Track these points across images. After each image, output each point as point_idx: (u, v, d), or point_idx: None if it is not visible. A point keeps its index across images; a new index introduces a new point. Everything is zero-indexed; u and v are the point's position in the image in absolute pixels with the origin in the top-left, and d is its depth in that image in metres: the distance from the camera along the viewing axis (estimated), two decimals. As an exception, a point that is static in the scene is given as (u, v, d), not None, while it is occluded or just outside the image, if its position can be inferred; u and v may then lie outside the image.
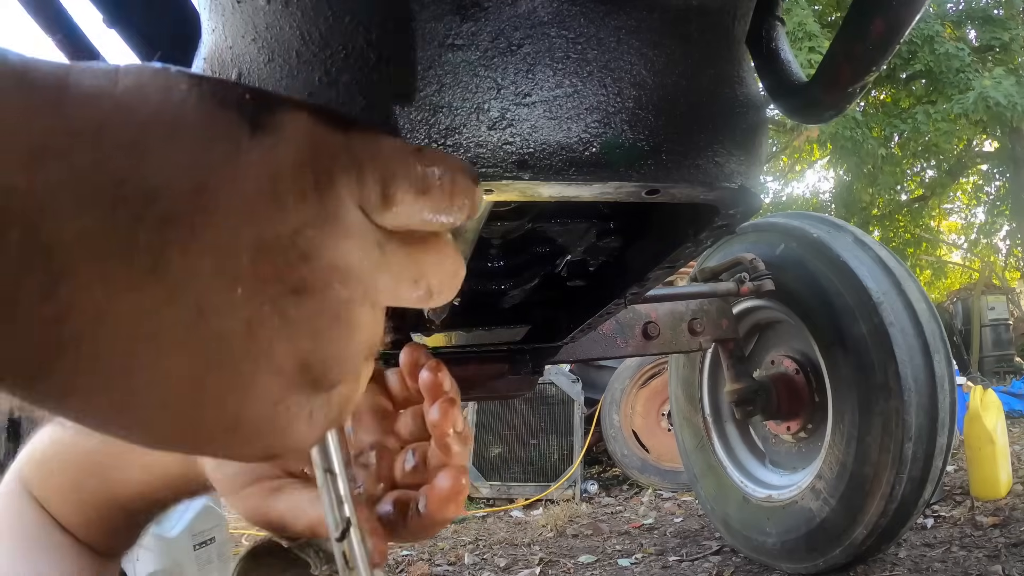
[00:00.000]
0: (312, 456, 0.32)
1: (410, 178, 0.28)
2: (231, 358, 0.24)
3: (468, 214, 0.29)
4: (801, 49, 8.63)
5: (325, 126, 0.26)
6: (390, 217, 0.27)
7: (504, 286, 1.08)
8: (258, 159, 0.24)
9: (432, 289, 0.29)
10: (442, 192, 0.28)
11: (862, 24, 0.59)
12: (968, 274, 13.99)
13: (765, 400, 2.05)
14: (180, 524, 1.75)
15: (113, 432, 0.24)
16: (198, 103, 0.24)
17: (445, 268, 0.30)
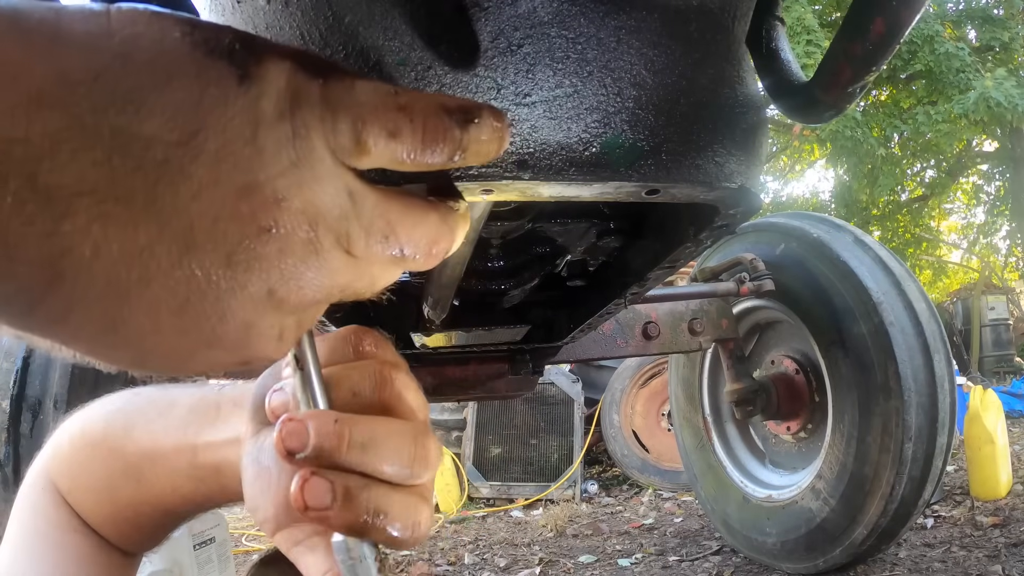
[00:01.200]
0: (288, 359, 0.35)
1: (381, 121, 0.29)
2: (212, 287, 0.26)
3: (449, 155, 0.30)
4: (799, 43, 8.65)
5: (305, 75, 0.28)
6: (366, 161, 0.29)
7: (504, 286, 1.08)
8: (243, 108, 0.26)
9: (404, 251, 0.31)
10: (414, 133, 0.29)
11: (862, 24, 0.59)
12: (968, 274, 13.99)
13: (765, 400, 2.05)
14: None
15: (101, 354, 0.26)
16: (191, 51, 0.26)
17: (421, 231, 0.31)
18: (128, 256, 0.24)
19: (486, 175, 0.49)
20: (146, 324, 0.25)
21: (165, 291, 0.25)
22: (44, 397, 1.63)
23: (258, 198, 0.27)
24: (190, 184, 0.25)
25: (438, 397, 1.58)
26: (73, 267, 0.23)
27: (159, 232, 0.25)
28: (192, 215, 0.25)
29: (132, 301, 0.25)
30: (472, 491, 3.91)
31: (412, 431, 0.35)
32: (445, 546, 2.95)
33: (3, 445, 1.59)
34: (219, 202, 0.26)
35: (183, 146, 0.25)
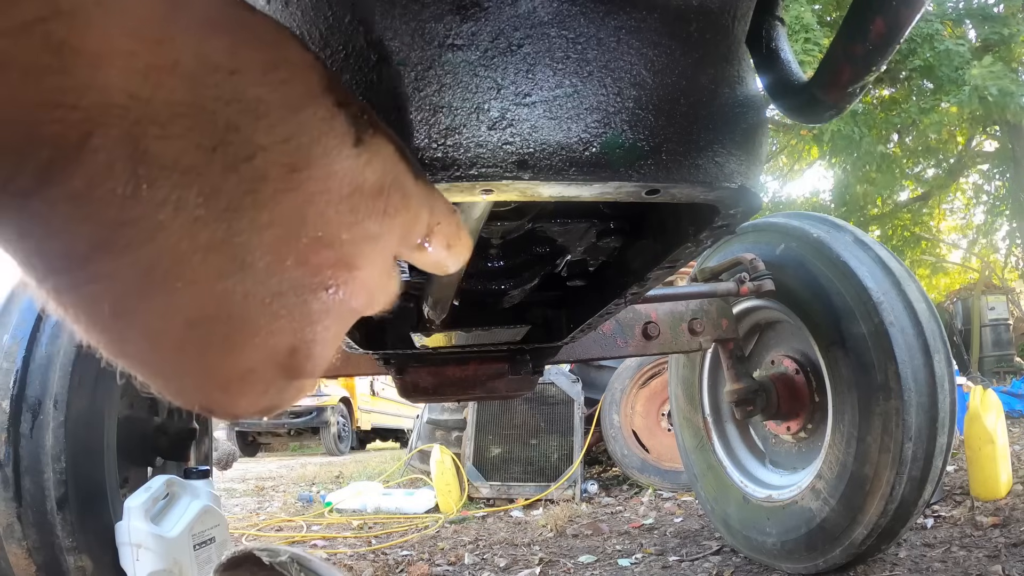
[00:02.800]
0: None
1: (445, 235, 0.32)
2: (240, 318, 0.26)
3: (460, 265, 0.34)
4: (796, 41, 8.66)
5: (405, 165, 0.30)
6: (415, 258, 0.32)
7: (504, 286, 1.08)
8: (351, 169, 0.27)
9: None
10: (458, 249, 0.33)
11: (862, 24, 0.59)
12: (968, 274, 13.99)
13: (765, 400, 2.05)
14: (180, 524, 1.75)
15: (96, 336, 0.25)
16: (324, 95, 0.26)
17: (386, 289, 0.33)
18: (182, 250, 0.24)
19: (486, 175, 0.49)
20: (155, 324, 0.25)
21: (194, 299, 0.24)
22: (44, 397, 1.63)
23: (331, 255, 0.27)
24: (275, 211, 0.25)
25: (438, 397, 1.58)
26: (126, 240, 0.23)
27: (223, 241, 0.24)
28: (262, 240, 0.25)
29: (158, 296, 0.24)
30: (472, 491, 3.91)
31: None
32: (445, 546, 2.95)
33: (3, 445, 1.59)
34: (293, 241, 0.26)
35: (283, 173, 0.25)
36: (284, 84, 0.25)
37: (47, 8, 0.20)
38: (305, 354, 0.28)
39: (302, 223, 0.26)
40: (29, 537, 1.59)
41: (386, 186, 0.28)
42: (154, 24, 0.22)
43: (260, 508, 4.61)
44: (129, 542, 1.68)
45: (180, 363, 0.26)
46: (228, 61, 0.24)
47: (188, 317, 0.25)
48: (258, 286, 0.25)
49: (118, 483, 1.80)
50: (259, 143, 0.24)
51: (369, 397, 11.36)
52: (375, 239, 0.28)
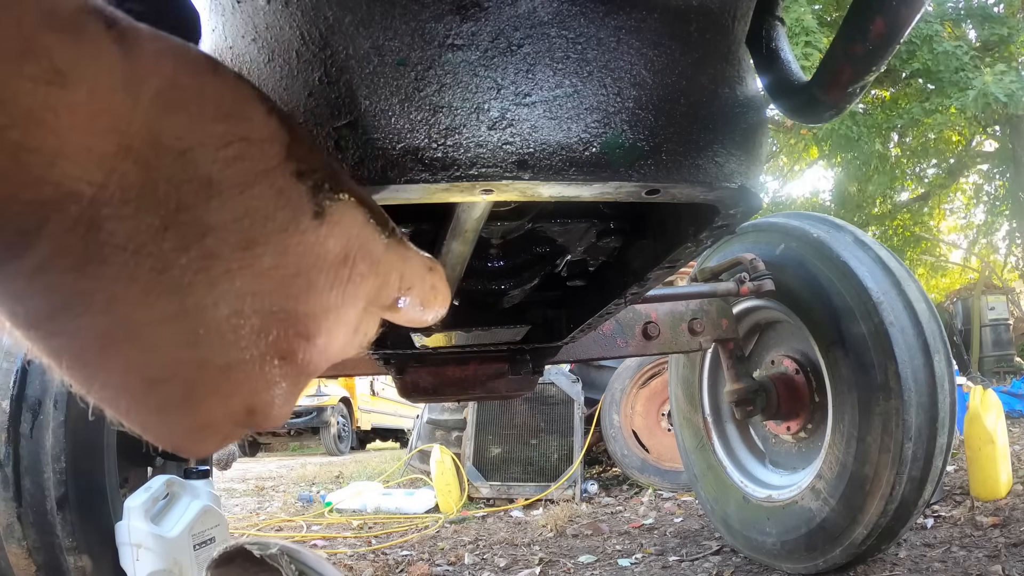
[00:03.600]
0: None
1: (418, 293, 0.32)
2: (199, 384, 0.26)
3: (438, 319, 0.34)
4: (797, 44, 8.66)
5: (373, 228, 0.29)
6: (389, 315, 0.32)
7: (504, 286, 1.08)
8: (309, 242, 0.27)
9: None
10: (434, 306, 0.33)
11: (862, 24, 0.59)
12: (968, 274, 13.99)
13: (765, 400, 2.05)
14: (180, 524, 1.75)
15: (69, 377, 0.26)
16: (282, 167, 0.26)
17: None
18: (136, 320, 0.24)
19: (486, 175, 0.49)
20: (115, 379, 0.26)
21: (149, 363, 0.25)
22: (44, 397, 1.63)
23: (288, 328, 0.27)
24: (228, 286, 0.25)
25: (438, 397, 1.58)
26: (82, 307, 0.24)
27: (177, 313, 0.25)
28: (216, 313, 0.25)
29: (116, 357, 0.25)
30: (472, 491, 3.91)
31: None
32: (445, 546, 2.95)
33: (3, 445, 1.59)
34: (248, 315, 0.26)
35: (237, 251, 0.25)
36: (238, 160, 0.25)
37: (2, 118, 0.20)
38: (263, 414, 0.28)
39: (257, 298, 0.26)
40: (29, 537, 1.59)
41: (351, 255, 0.28)
42: (107, 115, 0.22)
43: (260, 508, 4.61)
44: (129, 542, 1.68)
45: (142, 413, 0.27)
46: (180, 142, 0.24)
47: (145, 377, 0.25)
48: (213, 355, 0.26)
49: (118, 483, 1.80)
50: (210, 223, 0.24)
51: (369, 397, 11.36)
52: (336, 308, 0.28)
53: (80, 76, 0.22)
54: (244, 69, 0.52)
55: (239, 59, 0.53)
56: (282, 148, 0.26)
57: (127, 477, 2.01)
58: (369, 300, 0.30)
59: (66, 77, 0.21)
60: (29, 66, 0.21)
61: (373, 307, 0.30)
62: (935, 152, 13.42)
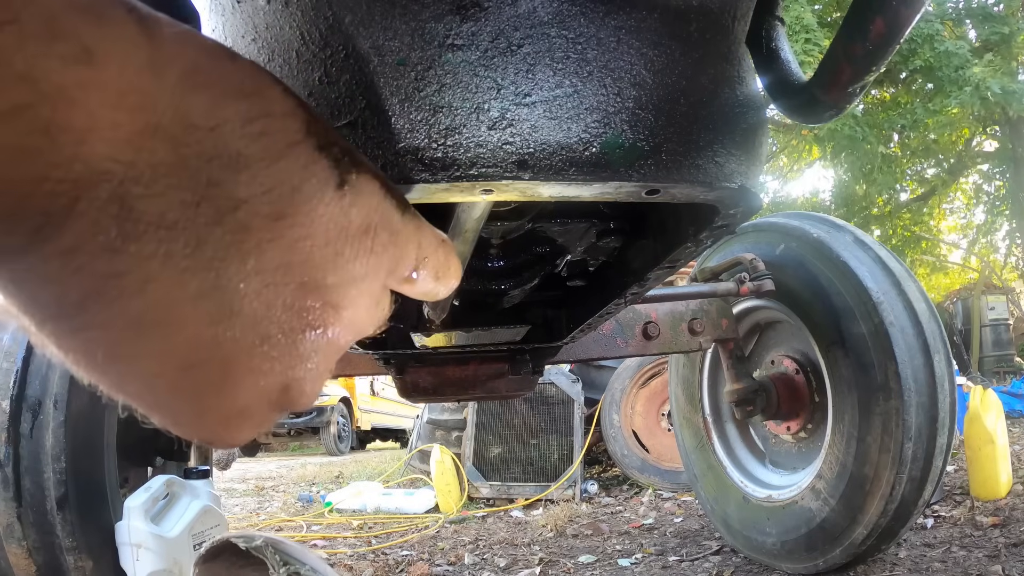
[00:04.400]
0: None
1: (433, 266, 0.33)
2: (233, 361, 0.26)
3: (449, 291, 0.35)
4: (797, 41, 8.67)
5: (391, 201, 0.30)
6: (405, 289, 0.32)
7: (504, 286, 1.08)
8: (335, 211, 0.28)
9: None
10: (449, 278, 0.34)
11: (862, 24, 0.59)
12: (968, 274, 13.99)
13: (765, 400, 2.05)
14: (180, 524, 1.75)
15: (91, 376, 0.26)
16: (305, 140, 0.27)
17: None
18: (172, 299, 0.24)
19: (486, 175, 0.49)
20: (150, 368, 0.26)
21: (186, 345, 0.25)
22: (44, 397, 1.63)
23: (318, 298, 0.28)
24: (261, 258, 0.26)
25: (438, 397, 1.58)
26: (117, 290, 0.24)
27: (211, 289, 0.25)
28: (249, 287, 0.26)
29: (151, 342, 0.25)
30: (472, 491, 3.91)
31: None
32: (445, 546, 2.95)
33: (3, 445, 1.59)
34: (280, 286, 0.27)
35: (267, 222, 0.26)
36: (263, 135, 0.26)
37: (31, 94, 0.21)
38: (297, 391, 0.29)
39: (288, 269, 0.27)
40: (29, 537, 1.59)
41: (373, 225, 0.29)
42: (135, 93, 0.23)
43: (260, 508, 4.61)
44: (129, 542, 1.68)
45: (177, 403, 0.27)
46: (207, 119, 0.24)
47: (181, 361, 0.26)
48: (247, 331, 0.26)
49: (118, 483, 1.80)
50: (240, 196, 0.25)
51: (369, 397, 11.36)
52: (362, 279, 0.29)
53: (107, 55, 0.22)
54: (244, 69, 0.52)
55: (239, 59, 0.53)
56: (303, 123, 0.27)
57: (127, 477, 2.01)
58: (389, 271, 0.31)
59: (94, 55, 0.22)
60: (58, 45, 0.21)
61: (392, 279, 0.31)
62: (935, 152, 13.42)
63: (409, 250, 0.31)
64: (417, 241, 0.31)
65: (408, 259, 0.31)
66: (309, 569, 1.04)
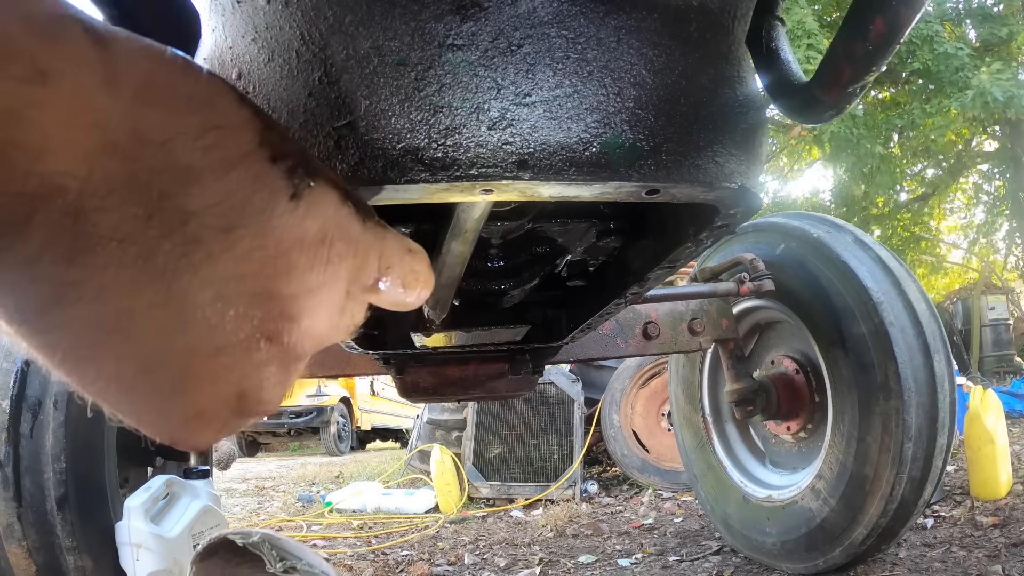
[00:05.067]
0: None
1: (398, 274, 0.32)
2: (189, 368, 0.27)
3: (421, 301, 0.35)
4: (799, 47, 8.66)
5: (349, 209, 0.30)
6: (371, 298, 0.32)
7: (504, 286, 1.08)
8: (288, 223, 0.28)
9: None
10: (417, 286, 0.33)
11: (862, 24, 0.59)
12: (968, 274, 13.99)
13: (765, 400, 2.05)
14: (180, 524, 1.75)
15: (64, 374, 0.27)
16: (257, 151, 0.27)
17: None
18: (126, 308, 0.25)
19: (486, 175, 0.49)
20: (108, 370, 0.26)
21: (141, 351, 0.26)
22: (44, 397, 1.63)
23: (272, 309, 0.28)
24: (212, 270, 0.26)
25: (438, 397, 1.58)
26: (74, 298, 0.24)
27: (164, 300, 0.26)
28: (202, 297, 0.26)
29: (108, 347, 0.26)
30: (472, 491, 3.91)
31: None
32: (445, 546, 2.95)
33: (3, 445, 1.59)
34: (233, 297, 0.27)
35: (218, 234, 0.26)
36: (214, 147, 0.26)
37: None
38: (254, 398, 0.29)
39: (241, 280, 0.27)
40: (29, 537, 1.59)
41: (328, 235, 0.29)
42: (89, 111, 0.23)
43: (260, 508, 4.61)
44: (129, 542, 1.68)
45: (137, 404, 0.27)
46: (159, 133, 0.25)
47: (138, 365, 0.26)
48: (201, 339, 0.27)
49: (118, 483, 1.80)
50: (191, 208, 0.25)
51: (369, 397, 11.36)
52: (318, 288, 0.29)
53: (61, 75, 0.23)
54: (244, 69, 0.52)
55: (239, 59, 0.53)
56: (255, 134, 0.27)
57: (127, 477, 2.01)
58: (350, 281, 0.30)
59: (48, 76, 0.22)
60: (12, 67, 0.22)
61: (355, 289, 0.31)
62: (935, 152, 13.42)
63: (370, 259, 0.31)
64: (379, 250, 0.31)
65: (369, 268, 0.31)
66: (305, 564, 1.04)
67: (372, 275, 0.31)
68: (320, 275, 0.29)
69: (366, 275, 0.31)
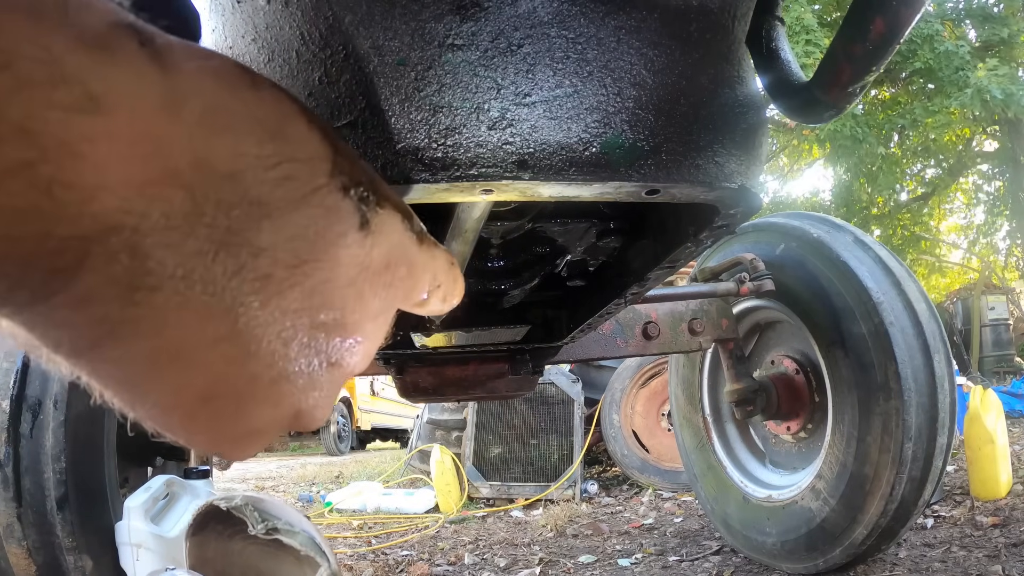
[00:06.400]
0: None
1: (444, 291, 0.33)
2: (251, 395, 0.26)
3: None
4: (797, 43, 8.67)
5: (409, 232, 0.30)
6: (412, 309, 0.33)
7: (504, 286, 1.08)
8: (357, 252, 0.27)
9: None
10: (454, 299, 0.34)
11: (862, 24, 0.59)
12: (968, 274, 13.99)
13: (765, 400, 2.05)
14: (180, 524, 1.75)
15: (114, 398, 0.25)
16: (329, 183, 0.26)
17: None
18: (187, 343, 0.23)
19: (486, 175, 0.49)
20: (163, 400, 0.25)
21: (203, 381, 0.25)
22: (44, 397, 1.63)
23: (336, 336, 0.27)
24: (280, 304, 0.25)
25: (438, 397, 1.58)
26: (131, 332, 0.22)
27: (228, 335, 0.24)
28: (267, 331, 0.25)
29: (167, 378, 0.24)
30: (472, 491, 3.91)
31: None
32: (445, 546, 2.95)
33: (3, 445, 1.59)
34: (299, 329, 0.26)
35: (289, 269, 0.25)
36: (287, 180, 0.24)
37: (32, 151, 0.19)
38: (308, 417, 0.29)
39: (307, 311, 0.26)
40: (29, 537, 1.59)
41: (392, 262, 0.29)
42: (148, 140, 0.21)
43: (260, 508, 4.61)
44: (129, 542, 1.68)
45: (191, 426, 0.26)
46: (227, 164, 0.23)
47: (196, 395, 0.25)
48: (264, 370, 0.26)
49: (118, 483, 1.80)
50: (262, 245, 0.24)
51: (369, 397, 11.35)
52: (379, 313, 0.29)
53: (117, 101, 0.20)
54: (244, 69, 0.52)
55: (239, 59, 0.53)
56: (329, 164, 0.26)
57: (127, 477, 2.01)
58: (404, 300, 0.31)
59: (101, 103, 0.20)
60: (60, 93, 0.19)
61: (405, 304, 0.31)
62: (935, 152, 13.42)
63: (424, 279, 0.31)
64: (432, 270, 0.31)
65: (422, 287, 0.31)
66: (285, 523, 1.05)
67: (424, 292, 0.31)
68: (383, 301, 0.29)
69: (419, 293, 0.31)
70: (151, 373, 0.24)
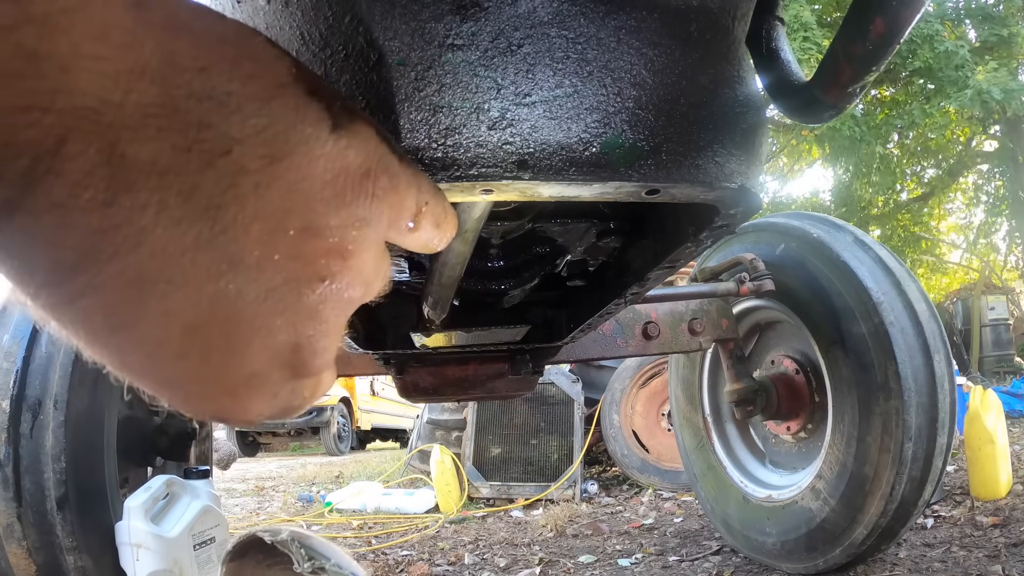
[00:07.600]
0: None
1: (435, 213, 0.32)
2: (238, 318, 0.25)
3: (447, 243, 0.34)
4: (795, 40, 8.69)
5: (387, 147, 0.29)
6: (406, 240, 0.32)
7: (504, 286, 1.08)
8: (331, 153, 0.27)
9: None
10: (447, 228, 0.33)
11: (862, 24, 0.59)
12: (968, 274, 13.99)
13: (765, 400, 2.05)
14: (180, 524, 1.75)
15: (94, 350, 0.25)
16: (294, 84, 0.26)
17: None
18: (170, 252, 0.23)
19: (486, 175, 0.49)
20: (152, 333, 0.24)
21: (188, 303, 0.24)
22: (44, 397, 1.63)
23: (321, 244, 0.27)
24: (258, 203, 0.25)
25: (438, 397, 1.58)
26: (112, 247, 0.23)
27: (210, 239, 0.24)
28: (250, 235, 0.25)
29: (151, 303, 0.24)
30: (472, 491, 3.91)
31: None
32: (445, 546, 2.95)
33: (3, 445, 1.59)
34: (281, 233, 0.26)
35: (263, 165, 0.25)
36: (252, 77, 0.25)
37: (16, 16, 0.20)
38: (309, 350, 0.28)
39: (288, 213, 0.26)
40: (29, 537, 1.59)
41: (372, 168, 0.28)
42: (120, 29, 0.22)
43: (260, 508, 4.61)
44: (129, 542, 1.68)
45: (184, 371, 0.26)
46: (195, 61, 0.24)
47: (184, 323, 0.24)
48: (250, 283, 0.25)
49: (118, 483, 1.80)
50: (233, 136, 0.24)
51: (369, 397, 11.36)
52: (365, 223, 0.28)
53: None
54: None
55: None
56: (290, 68, 0.27)
57: (127, 477, 2.01)
58: (391, 220, 0.30)
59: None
60: None
61: (392, 229, 0.30)
62: (935, 152, 13.42)
63: (410, 195, 0.30)
64: (417, 186, 0.31)
65: (409, 205, 0.30)
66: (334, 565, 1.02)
67: (411, 212, 0.31)
68: (366, 208, 0.28)
69: (406, 213, 0.30)
70: (134, 298, 0.24)
